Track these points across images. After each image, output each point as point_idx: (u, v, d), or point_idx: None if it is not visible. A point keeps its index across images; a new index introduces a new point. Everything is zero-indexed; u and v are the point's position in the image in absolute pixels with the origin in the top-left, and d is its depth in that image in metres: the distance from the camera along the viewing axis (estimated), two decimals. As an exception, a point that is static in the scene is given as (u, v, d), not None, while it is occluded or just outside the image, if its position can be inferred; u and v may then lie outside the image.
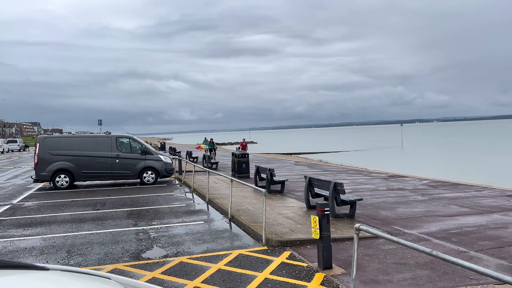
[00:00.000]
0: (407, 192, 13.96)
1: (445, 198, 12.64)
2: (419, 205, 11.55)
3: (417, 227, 8.96)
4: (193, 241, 8.31)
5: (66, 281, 1.82)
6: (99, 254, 7.54)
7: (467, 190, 14.13)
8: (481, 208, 10.91)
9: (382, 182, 17.06)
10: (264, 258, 7.07)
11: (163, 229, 9.48)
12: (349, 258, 6.74)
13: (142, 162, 17.93)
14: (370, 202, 12.09)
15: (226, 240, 8.42)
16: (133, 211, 11.84)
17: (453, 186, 15.49)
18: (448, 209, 10.88)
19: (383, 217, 10.05)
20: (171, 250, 7.72)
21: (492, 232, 8.34)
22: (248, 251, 7.52)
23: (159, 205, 12.76)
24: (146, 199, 13.91)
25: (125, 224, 10.04)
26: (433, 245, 7.53)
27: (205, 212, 11.57)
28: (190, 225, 9.80)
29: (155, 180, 18.08)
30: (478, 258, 6.76)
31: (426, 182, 16.66)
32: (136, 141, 18.60)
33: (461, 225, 9.00)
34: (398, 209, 11.02)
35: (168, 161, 18.65)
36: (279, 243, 7.82)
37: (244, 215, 10.29)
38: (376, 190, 14.75)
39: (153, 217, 10.84)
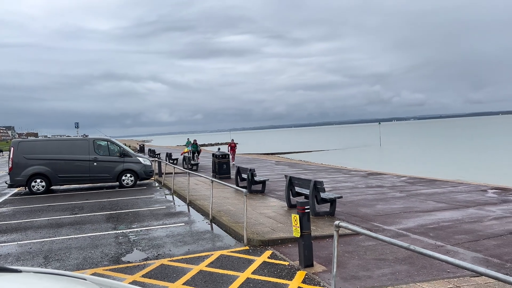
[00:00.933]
0: (385, 189, 14.20)
1: (422, 194, 12.91)
2: (397, 201, 11.76)
3: (396, 223, 9.12)
4: (174, 243, 8.23)
5: (38, 282, 1.78)
6: (77, 259, 7.39)
7: (443, 186, 14.47)
8: (457, 203, 11.18)
9: (361, 179, 17.30)
10: (246, 258, 7.06)
11: (143, 232, 9.36)
12: (330, 255, 6.81)
13: (120, 165, 17.67)
14: (349, 199, 12.24)
15: (208, 241, 8.38)
16: (112, 214, 11.65)
17: (430, 182, 15.83)
18: (425, 204, 11.12)
19: (362, 214, 10.19)
20: (152, 253, 7.63)
21: (467, 226, 8.57)
22: (230, 252, 7.50)
23: (139, 208, 12.60)
24: (126, 202, 13.71)
25: (104, 228, 9.87)
26: (411, 240, 7.67)
27: (185, 214, 11.49)
28: (171, 227, 9.71)
29: (134, 182, 17.85)
30: (454, 251, 6.93)
31: (404, 179, 16.98)
32: (114, 143, 18.33)
33: (438, 220, 9.21)
34: (377, 206, 11.19)
35: (147, 163, 18.45)
36: (260, 243, 7.83)
37: (226, 216, 10.26)
38: (356, 187, 14.95)
39: (133, 220, 10.69)
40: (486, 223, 8.79)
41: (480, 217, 9.33)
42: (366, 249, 7.27)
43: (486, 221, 8.97)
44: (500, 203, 10.91)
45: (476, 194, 12.58)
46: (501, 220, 9.00)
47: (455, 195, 12.40)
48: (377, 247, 7.32)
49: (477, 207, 10.54)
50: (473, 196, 12.13)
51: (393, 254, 6.92)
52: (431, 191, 13.37)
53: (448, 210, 10.25)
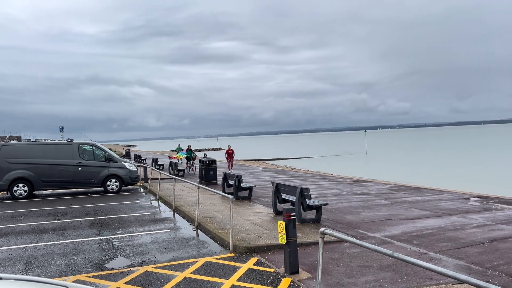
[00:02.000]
0: (371, 197, 14.32)
1: (407, 201, 13.06)
2: (382, 209, 11.88)
3: (381, 230, 9.20)
4: (158, 250, 8.16)
5: None
6: (59, 266, 7.26)
7: (427, 194, 14.66)
8: (441, 211, 11.34)
9: (347, 187, 17.42)
10: (231, 265, 7.04)
11: (127, 238, 9.26)
12: (315, 262, 6.83)
13: (105, 170, 17.48)
14: (335, 206, 12.31)
15: (193, 248, 8.33)
16: (96, 220, 11.50)
17: (414, 190, 16.03)
18: (409, 212, 11.25)
19: (348, 221, 10.26)
20: (136, 259, 7.55)
21: (450, 234, 8.69)
22: (215, 259, 7.47)
23: (124, 213, 12.46)
24: (110, 208, 13.55)
25: (88, 234, 9.73)
26: (395, 247, 7.75)
27: (171, 220, 11.40)
28: (156, 234, 9.62)
29: (119, 188, 17.66)
30: (437, 259, 7.02)
31: (389, 187, 17.16)
32: (100, 148, 18.13)
33: (422, 228, 9.32)
34: (363, 213, 11.28)
35: (133, 168, 18.28)
36: (246, 250, 7.81)
37: (211, 222, 10.22)
38: (341, 195, 15.04)
39: (117, 226, 10.57)
40: (469, 231, 8.94)
41: (463, 225, 9.47)
42: (351, 256, 7.31)
43: (469, 229, 9.12)
44: (482, 211, 11.11)
45: (459, 202, 12.78)
46: (483, 228, 9.16)
47: (439, 203, 12.58)
48: (362, 254, 7.37)
49: (459, 215, 10.71)
50: (456, 204, 12.32)
51: (378, 261, 6.98)
52: (415, 199, 13.54)
53: (432, 218, 10.38)
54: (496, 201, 12.73)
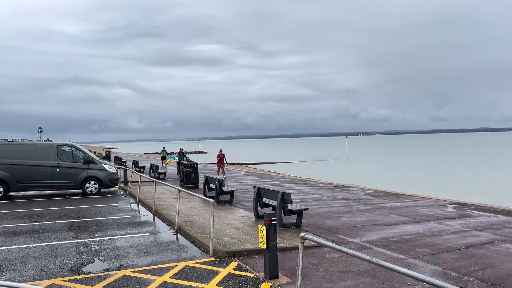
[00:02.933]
0: (351, 202, 14.47)
1: (386, 207, 13.24)
2: (362, 214, 12.00)
3: (360, 235, 9.30)
4: (137, 254, 8.04)
5: None
6: (34, 269, 7.08)
7: (406, 200, 14.90)
8: (419, 217, 11.54)
9: (328, 192, 17.56)
10: (211, 270, 6.99)
11: (105, 241, 9.10)
12: (295, 267, 6.84)
13: (84, 172, 17.17)
14: (316, 211, 12.38)
15: (172, 252, 8.24)
16: (73, 223, 11.27)
17: (393, 196, 16.27)
18: (388, 218, 11.40)
19: (328, 226, 10.33)
20: (114, 263, 7.42)
21: (428, 240, 8.84)
22: (195, 263, 7.41)
23: (102, 216, 12.26)
24: (88, 210, 13.31)
25: (65, 237, 9.52)
26: (374, 253, 7.84)
27: (151, 224, 11.27)
28: (135, 237, 9.49)
29: (98, 190, 17.36)
30: (415, 264, 7.13)
31: (369, 192, 17.37)
32: (79, 149, 17.81)
33: (400, 233, 9.46)
34: (343, 218, 11.38)
35: (112, 170, 18.02)
36: (226, 254, 7.77)
37: (192, 226, 10.14)
38: (322, 200, 15.15)
39: (96, 229, 10.38)
40: (445, 237, 9.11)
41: (440, 231, 9.65)
42: (331, 261, 7.36)
43: (445, 235, 9.29)
44: (458, 218, 11.35)
45: (436, 208, 13.02)
46: (459, 234, 9.36)
47: (417, 209, 12.79)
48: (341, 259, 7.43)
49: (437, 221, 10.91)
50: (434, 211, 12.55)
51: (357, 266, 7.04)
52: (394, 205, 13.74)
53: (410, 224, 10.55)
54: (472, 208, 13.03)
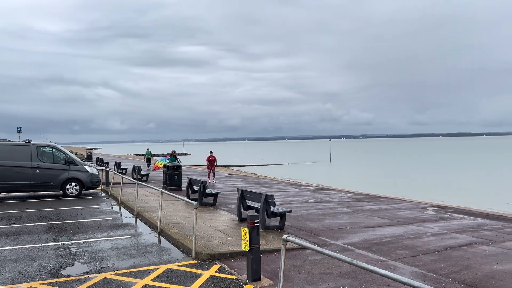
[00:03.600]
0: (333, 204, 14.60)
1: (368, 210, 13.40)
2: (344, 216, 12.13)
3: (342, 238, 9.39)
4: (118, 256, 7.95)
5: None
6: (12, 272, 6.92)
7: (387, 203, 15.11)
8: (399, 219, 11.72)
9: (311, 194, 17.67)
10: (193, 272, 6.96)
11: (86, 244, 8.96)
12: (277, 269, 6.87)
13: (65, 173, 16.89)
14: (299, 214, 12.45)
15: (154, 254, 8.17)
16: (53, 225, 11.07)
17: (375, 198, 16.48)
18: (370, 220, 11.55)
19: (311, 228, 10.40)
20: (94, 266, 7.32)
21: (408, 242, 8.99)
22: (177, 266, 7.36)
23: (83, 218, 12.07)
24: (69, 212, 13.09)
25: (44, 239, 9.35)
26: (356, 255, 7.93)
27: (132, 226, 11.15)
28: (116, 240, 9.38)
29: (79, 192, 17.10)
30: (395, 266, 7.24)
31: (351, 195, 17.56)
32: (60, 150, 17.51)
33: (381, 236, 9.59)
34: (325, 220, 11.47)
35: (94, 172, 17.77)
36: (209, 256, 7.75)
37: (174, 229, 10.07)
38: (305, 202, 15.24)
39: (76, 232, 10.22)
40: (425, 239, 9.27)
41: (420, 233, 9.82)
42: (313, 263, 7.41)
43: (425, 237, 9.46)
44: (438, 220, 11.57)
45: (417, 211, 13.25)
46: (438, 236, 9.54)
47: (398, 212, 12.99)
48: (323, 261, 7.49)
49: (417, 223, 11.10)
50: (414, 213, 12.76)
51: (338, 268, 7.11)
52: (376, 207, 13.92)
53: (391, 226, 10.71)
54: (451, 211, 13.30)
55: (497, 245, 8.71)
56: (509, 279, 6.51)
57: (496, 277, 6.63)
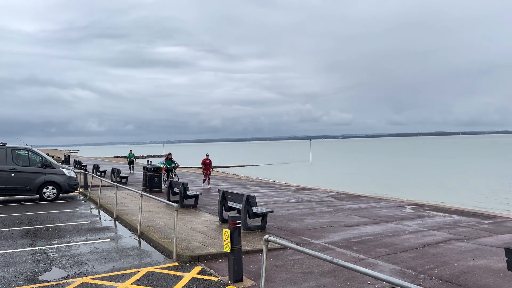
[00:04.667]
0: (314, 204, 14.72)
1: (348, 209, 13.56)
2: (325, 216, 12.24)
3: (323, 237, 9.48)
4: (98, 260, 7.82)
5: None
6: (-14, 280, 6.73)
7: (366, 202, 15.33)
8: (379, 218, 11.90)
9: (292, 194, 17.77)
10: (174, 275, 6.91)
11: (64, 248, 8.78)
12: (259, 270, 6.88)
13: (42, 176, 16.51)
14: (280, 214, 12.50)
15: (135, 257, 8.07)
16: (30, 229, 10.80)
17: (355, 198, 16.69)
18: (350, 219, 11.69)
19: (292, 228, 10.46)
20: (73, 270, 7.18)
21: (387, 240, 9.14)
22: (158, 268, 7.29)
23: (61, 222, 11.82)
24: (46, 217, 12.80)
25: (20, 245, 9.11)
26: (336, 253, 8.02)
27: (112, 229, 10.98)
28: (95, 243, 9.22)
29: (56, 195, 16.74)
30: (375, 264, 7.35)
31: (332, 194, 17.74)
32: (36, 153, 17.11)
33: (361, 234, 9.73)
34: (306, 220, 11.56)
35: (72, 175, 17.42)
36: (190, 259, 7.71)
37: (155, 231, 9.97)
38: (287, 202, 15.32)
39: (53, 236, 10.00)
40: (404, 236, 9.45)
41: (398, 231, 10.01)
42: (294, 263, 7.46)
43: (404, 235, 9.64)
44: (416, 218, 11.80)
45: (395, 209, 13.48)
46: (416, 234, 9.74)
47: (377, 210, 13.19)
48: (305, 261, 7.55)
49: (396, 221, 11.30)
50: (393, 212, 12.99)
51: (319, 267, 7.17)
52: (355, 206, 14.10)
53: (371, 225, 10.87)
54: (428, 209, 13.59)
55: (473, 241, 8.95)
56: (484, 274, 6.70)
57: (471, 272, 6.81)
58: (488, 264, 7.24)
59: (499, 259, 7.35)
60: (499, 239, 9.10)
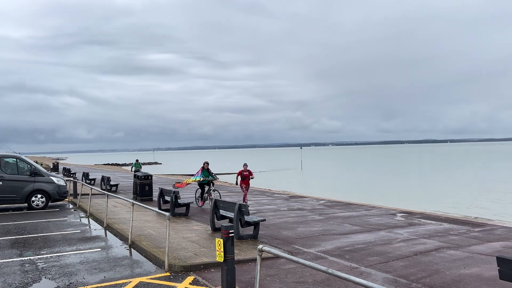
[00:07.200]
0: (306, 212, 14.72)
1: (339, 217, 13.59)
2: (316, 224, 12.25)
3: (315, 245, 9.48)
4: (88, 271, 7.71)
5: None
6: (-27, 291, 6.59)
7: (358, 210, 15.38)
8: (370, 226, 11.94)
9: (284, 202, 17.76)
10: (166, 285, 6.84)
11: (53, 258, 8.65)
12: (252, 280, 6.85)
13: (30, 185, 16.28)
14: (272, 222, 12.48)
15: (126, 267, 7.98)
16: (18, 239, 10.62)
17: (346, 205, 16.74)
18: (342, 227, 11.71)
19: (284, 236, 10.44)
20: (63, 281, 7.06)
21: (379, 248, 9.17)
22: (150, 278, 7.21)
23: (50, 232, 11.65)
24: (35, 226, 12.60)
25: (8, 255, 8.95)
26: (329, 262, 8.01)
27: (102, 239, 10.85)
28: (86, 253, 9.10)
29: (45, 204, 16.50)
30: (367, 273, 7.36)
31: (323, 202, 17.77)
32: (24, 161, 16.88)
33: (353, 243, 9.75)
34: (298, 228, 11.55)
35: (61, 183, 17.21)
36: (182, 268, 7.64)
37: (146, 241, 9.88)
38: (278, 210, 15.30)
39: (42, 246, 9.84)
40: (395, 245, 9.49)
41: (390, 240, 10.05)
42: (287, 272, 7.43)
43: (395, 243, 9.69)
44: (407, 226, 11.87)
45: (386, 217, 13.55)
46: (408, 242, 9.79)
47: (369, 218, 13.24)
48: (298, 270, 7.53)
49: (387, 229, 11.35)
50: (384, 220, 13.04)
51: (312, 276, 7.16)
52: (347, 214, 14.14)
53: (362, 233, 10.90)
54: (419, 217, 13.68)
55: (464, 249, 9.02)
56: (475, 283, 6.75)
57: (463, 281, 6.86)
58: (479, 272, 7.30)
59: (490, 267, 7.42)
60: (489, 247, 9.18)
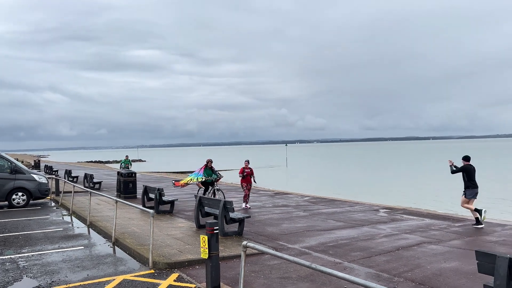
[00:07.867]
0: (290, 209, 14.81)
1: (323, 213, 13.72)
2: (301, 220, 12.34)
3: (300, 241, 9.55)
4: (71, 269, 7.62)
5: None
6: (-49, 291, 6.45)
7: (342, 206, 15.55)
8: (354, 222, 12.09)
9: (269, 199, 17.83)
10: (151, 282, 6.82)
11: (35, 257, 8.52)
12: (236, 276, 6.88)
13: (11, 183, 15.97)
14: (257, 219, 12.53)
15: (109, 265, 7.91)
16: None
17: (330, 202, 16.90)
18: (326, 223, 11.83)
19: (269, 233, 10.49)
20: (45, 280, 6.97)
21: (362, 244, 9.30)
22: (134, 276, 7.17)
23: (31, 230, 11.46)
24: (15, 224, 12.38)
25: (-12, 254, 8.78)
26: (313, 258, 8.09)
27: (85, 237, 10.73)
28: (68, 251, 8.99)
29: (27, 202, 16.22)
30: (351, 268, 7.46)
31: (308, 199, 17.90)
32: (4, 158, 16.54)
33: (337, 238, 9.86)
34: (283, 225, 11.62)
35: (43, 181, 16.93)
36: (166, 266, 7.62)
37: (130, 238, 9.81)
38: (263, 207, 15.35)
39: (23, 244, 9.68)
40: (378, 240, 9.64)
41: (373, 235, 10.20)
42: (272, 268, 7.48)
43: (378, 238, 9.83)
44: (389, 222, 12.06)
45: (370, 213, 13.73)
46: (390, 237, 9.95)
47: (352, 214, 13.40)
48: (282, 266, 7.59)
49: (370, 225, 11.51)
50: (367, 215, 13.22)
51: (297, 272, 7.22)
52: (331, 211, 14.28)
53: (346, 229, 11.03)
54: (401, 212, 13.90)
55: (444, 244, 9.22)
56: (455, 276, 6.91)
57: (443, 274, 7.01)
58: (459, 266, 7.47)
59: (469, 261, 7.60)
60: (469, 242, 9.40)
